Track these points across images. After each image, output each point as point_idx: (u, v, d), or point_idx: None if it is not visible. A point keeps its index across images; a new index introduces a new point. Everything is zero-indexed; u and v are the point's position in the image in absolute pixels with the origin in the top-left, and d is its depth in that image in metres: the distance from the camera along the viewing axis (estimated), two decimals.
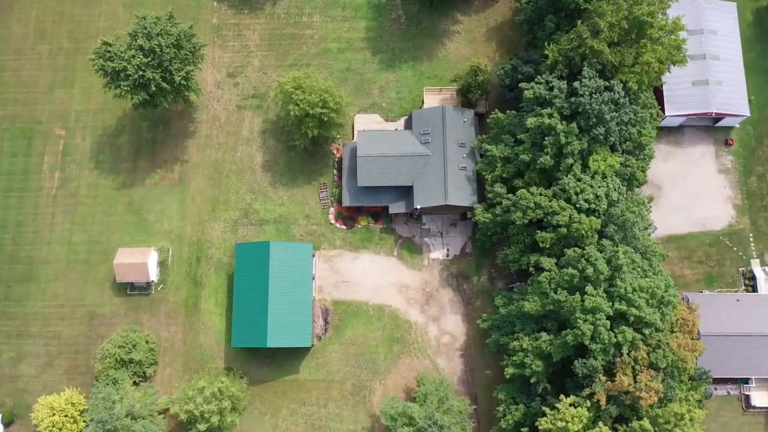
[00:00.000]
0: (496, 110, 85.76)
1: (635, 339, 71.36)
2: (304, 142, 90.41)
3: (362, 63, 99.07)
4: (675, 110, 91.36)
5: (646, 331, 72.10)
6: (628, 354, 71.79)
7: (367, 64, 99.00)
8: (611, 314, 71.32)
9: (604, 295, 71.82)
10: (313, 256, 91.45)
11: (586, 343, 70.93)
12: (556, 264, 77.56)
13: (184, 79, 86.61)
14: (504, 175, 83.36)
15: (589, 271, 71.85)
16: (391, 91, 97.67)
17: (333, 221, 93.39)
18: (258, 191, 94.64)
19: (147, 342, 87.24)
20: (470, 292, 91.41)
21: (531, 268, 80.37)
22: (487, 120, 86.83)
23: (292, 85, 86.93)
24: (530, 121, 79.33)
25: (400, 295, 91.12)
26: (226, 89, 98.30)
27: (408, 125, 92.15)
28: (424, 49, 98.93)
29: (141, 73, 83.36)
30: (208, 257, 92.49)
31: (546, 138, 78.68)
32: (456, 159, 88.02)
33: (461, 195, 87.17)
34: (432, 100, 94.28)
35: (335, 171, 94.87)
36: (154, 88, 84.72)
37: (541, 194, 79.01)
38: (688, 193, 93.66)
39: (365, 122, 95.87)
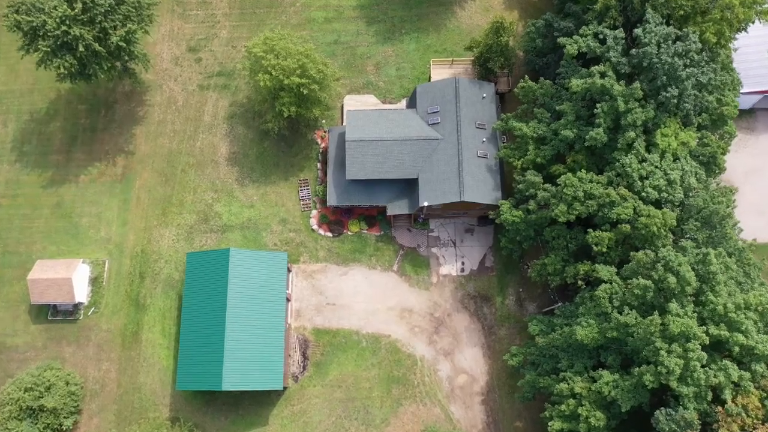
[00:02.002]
0: (526, 77, 63.83)
1: (743, 379, 47.84)
2: (279, 124, 68.38)
3: (354, 35, 77.83)
4: (750, 86, 69.26)
5: (757, 368, 48.56)
6: (732, 401, 48.10)
7: (361, 36, 77.73)
8: (706, 343, 47.85)
9: (694, 315, 48.51)
10: (289, 270, 68.40)
11: (673, 385, 47.35)
12: (617, 274, 54.47)
13: (123, 40, 65.10)
14: (539, 160, 60.96)
15: (671, 281, 48.72)
16: (390, 67, 76.13)
17: (316, 227, 70.69)
18: (221, 190, 72.19)
19: (68, 383, 63.56)
20: (493, 318, 68.01)
21: (579, 282, 57.25)
22: (515, 91, 64.83)
23: (262, 48, 65.35)
24: (575, 83, 57.38)
25: (401, 322, 67.70)
26: (186, 66, 76.80)
27: (411, 104, 70.18)
28: (430, 18, 77.74)
29: (65, 28, 61.94)
30: (154, 273, 69.45)
31: (597, 106, 56.56)
32: (473, 144, 65.81)
33: (481, 189, 64.64)
34: (441, 74, 72.44)
35: (319, 164, 72.59)
36: (83, 50, 63.14)
37: (591, 181, 56.43)
38: None
39: (357, 105, 73.96)
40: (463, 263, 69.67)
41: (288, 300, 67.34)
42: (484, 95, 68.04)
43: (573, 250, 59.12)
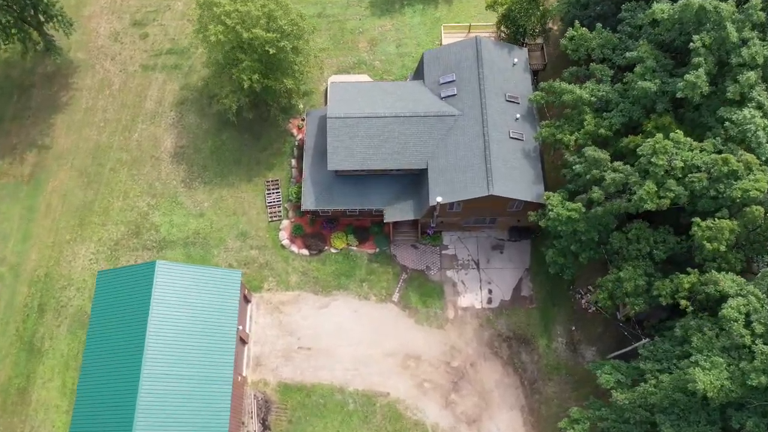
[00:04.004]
0: (576, 23, 44.99)
1: None
2: (239, 102, 49.16)
3: (343, 6, 60.00)
4: None
5: None
6: None
7: (351, 8, 59.86)
8: None
9: None
10: (247, 300, 47.36)
11: None
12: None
13: None
14: (602, 132, 41.27)
15: None
16: (388, 43, 57.74)
17: (287, 242, 50.16)
18: (161, 194, 52.13)
19: None
20: (535, 369, 46.34)
21: (683, 303, 36.06)
22: (561, 43, 45.79)
23: None
24: (660, 8, 38.40)
25: (404, 375, 46.07)
26: (128, 43, 58.44)
27: (418, 75, 51.11)
28: None
29: None
30: (59, 305, 48.38)
31: (694, 38, 37.36)
32: (503, 121, 46.31)
33: (516, 181, 44.58)
34: None
35: (294, 161, 52.86)
36: None
37: (692, 149, 36.44)
38: None
39: None
40: (490, 292, 48.63)
41: (243, 342, 45.89)
42: (515, 61, 49.03)
43: (661, 258, 38.34)
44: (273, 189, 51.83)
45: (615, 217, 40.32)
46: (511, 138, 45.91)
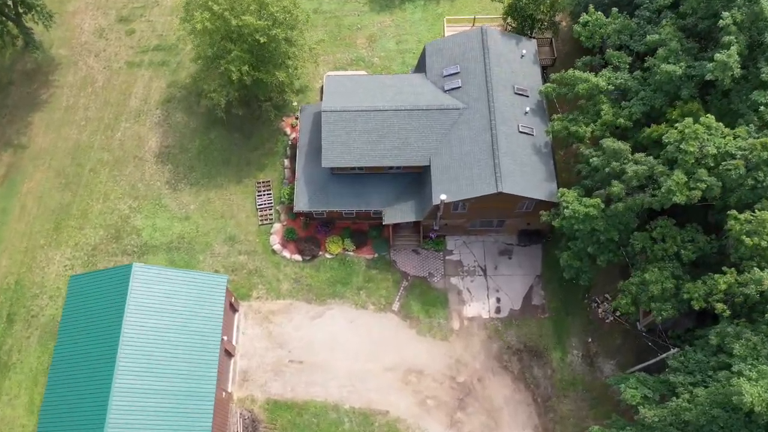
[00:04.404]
0: (591, 8, 41.60)
1: None
2: (228, 96, 45.69)
3: (341, 2, 56.89)
4: None
5: None
6: None
7: (349, 4, 56.72)
8: None
9: None
10: (234, 309, 43.36)
11: None
12: None
13: None
14: (620, 122, 37.68)
15: None
16: (388, 40, 54.46)
17: (278, 247, 46.24)
18: (144, 196, 48.38)
19: None
20: (549, 384, 42.09)
21: (719, 306, 31.93)
22: (574, 29, 42.37)
23: None
24: None
25: (406, 391, 41.80)
26: (113, 39, 55.19)
27: (420, 68, 47.65)
28: None
29: None
30: (30, 314, 44.34)
31: (723, 15, 33.91)
32: (512, 114, 42.72)
33: (527, 178, 40.85)
34: None
35: (287, 161, 49.19)
36: None
37: (724, 135, 32.73)
38: None
39: None
40: (498, 300, 44.57)
41: (229, 354, 41.74)
42: (523, 52, 45.64)
43: (690, 259, 34.39)
44: (264, 190, 48.08)
45: (636, 215, 36.53)
46: (521, 132, 42.31)
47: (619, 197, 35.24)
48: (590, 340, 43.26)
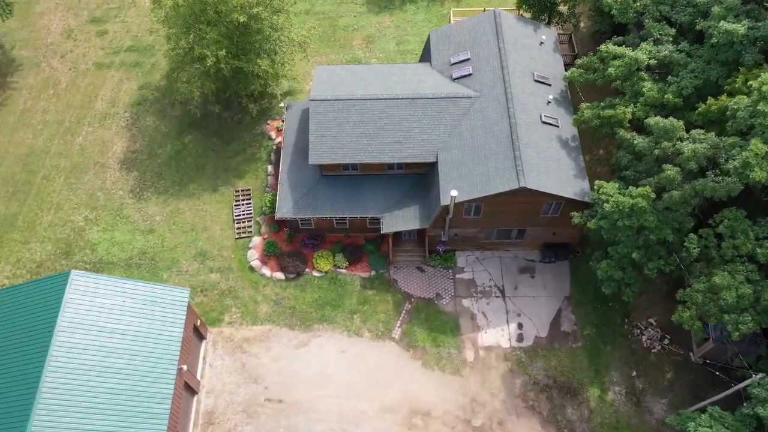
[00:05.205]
0: None
1: None
2: (204, 88, 39.32)
3: (335, 3, 51.49)
4: None
5: None
6: None
7: (345, 5, 51.32)
8: None
9: None
10: (201, 336, 35.38)
11: None
12: None
13: None
14: (670, 99, 30.96)
15: None
16: (387, 41, 48.68)
17: (257, 263, 38.67)
18: (104, 206, 41.23)
19: None
20: (587, 428, 33.67)
21: None
22: (605, 2, 36.26)
23: None
24: None
25: None
26: (83, 40, 49.44)
27: (425, 58, 41.36)
28: None
29: None
30: None
31: None
32: (533, 103, 36.11)
33: (553, 174, 33.76)
34: None
35: (271, 167, 42.25)
36: None
37: None
38: None
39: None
40: (520, 326, 36.66)
41: (191, 390, 33.53)
42: (543, 38, 39.52)
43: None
44: (243, 200, 40.95)
45: (691, 212, 29.34)
46: (544, 123, 35.54)
47: (674, 183, 28.02)
48: (634, 373, 35.11)
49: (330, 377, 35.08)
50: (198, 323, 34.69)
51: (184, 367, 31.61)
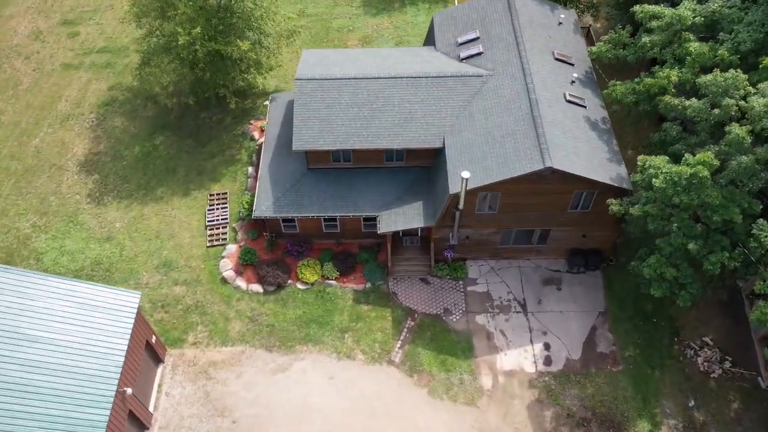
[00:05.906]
0: None
1: None
2: (177, 74, 34.15)
3: (329, 5, 47.29)
4: None
5: None
6: None
7: (339, 7, 47.13)
8: None
9: None
10: (159, 361, 28.59)
11: None
12: None
13: None
14: (723, 55, 25.52)
15: None
16: (386, 41, 44.09)
17: (231, 273, 32.30)
18: (56, 212, 35.30)
19: None
20: None
21: None
22: None
23: None
24: None
25: None
26: (51, 42, 44.88)
27: (429, 43, 36.37)
28: None
29: None
30: None
31: None
32: (554, 81, 30.81)
33: (583, 157, 27.97)
34: None
35: (251, 169, 36.52)
36: None
37: None
38: None
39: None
40: (547, 347, 29.94)
41: (139, 424, 26.51)
42: (562, 17, 34.72)
43: None
44: (218, 204, 35.03)
45: (759, 193, 23.46)
46: (568, 102, 30.08)
47: (743, 147, 22.18)
48: (692, 403, 28.17)
49: (315, 409, 28.11)
50: (153, 340, 28.03)
51: (129, 390, 24.77)
